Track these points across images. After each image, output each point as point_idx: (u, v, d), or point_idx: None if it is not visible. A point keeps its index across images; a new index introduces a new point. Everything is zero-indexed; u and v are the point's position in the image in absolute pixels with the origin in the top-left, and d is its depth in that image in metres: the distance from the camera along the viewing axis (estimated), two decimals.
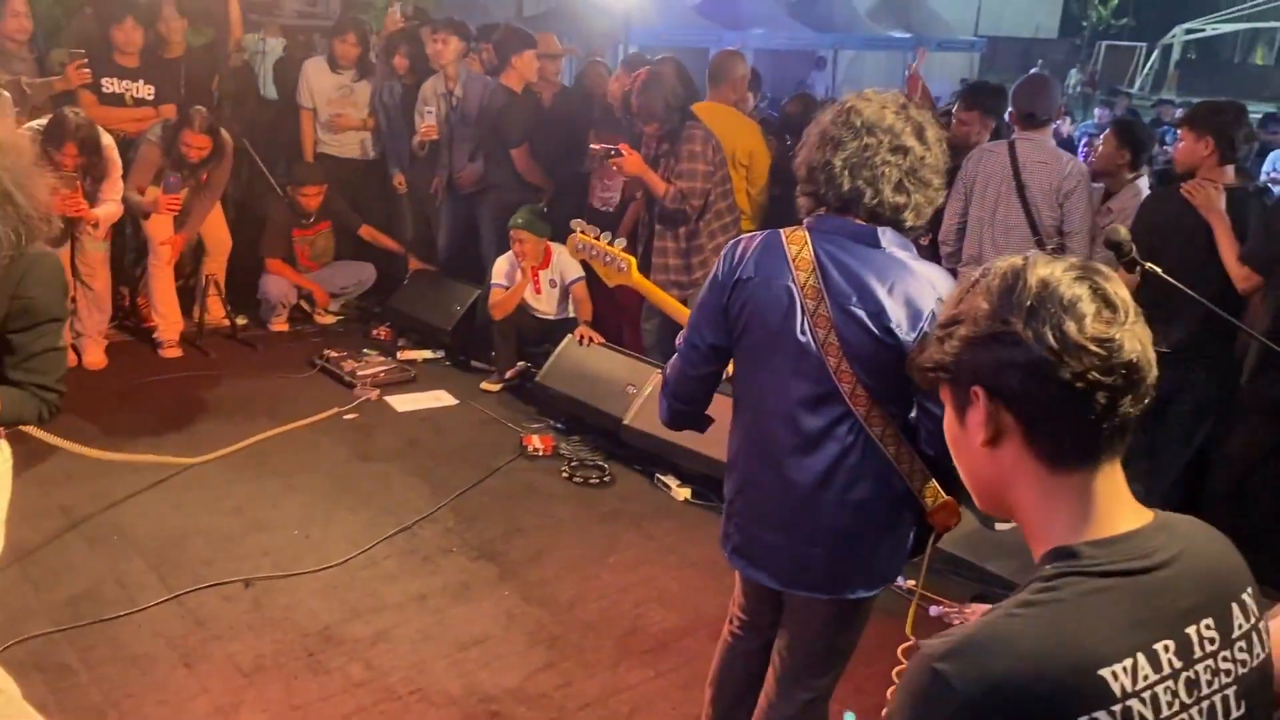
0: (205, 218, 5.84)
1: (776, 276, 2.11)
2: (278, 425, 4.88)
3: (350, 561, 3.85)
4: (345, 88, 6.58)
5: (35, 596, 3.49)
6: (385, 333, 6.27)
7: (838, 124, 2.10)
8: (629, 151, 4.56)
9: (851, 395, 2.08)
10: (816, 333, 2.07)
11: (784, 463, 2.17)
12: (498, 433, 5.12)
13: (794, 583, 2.26)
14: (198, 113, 5.48)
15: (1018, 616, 1.05)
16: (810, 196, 2.15)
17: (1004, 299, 1.11)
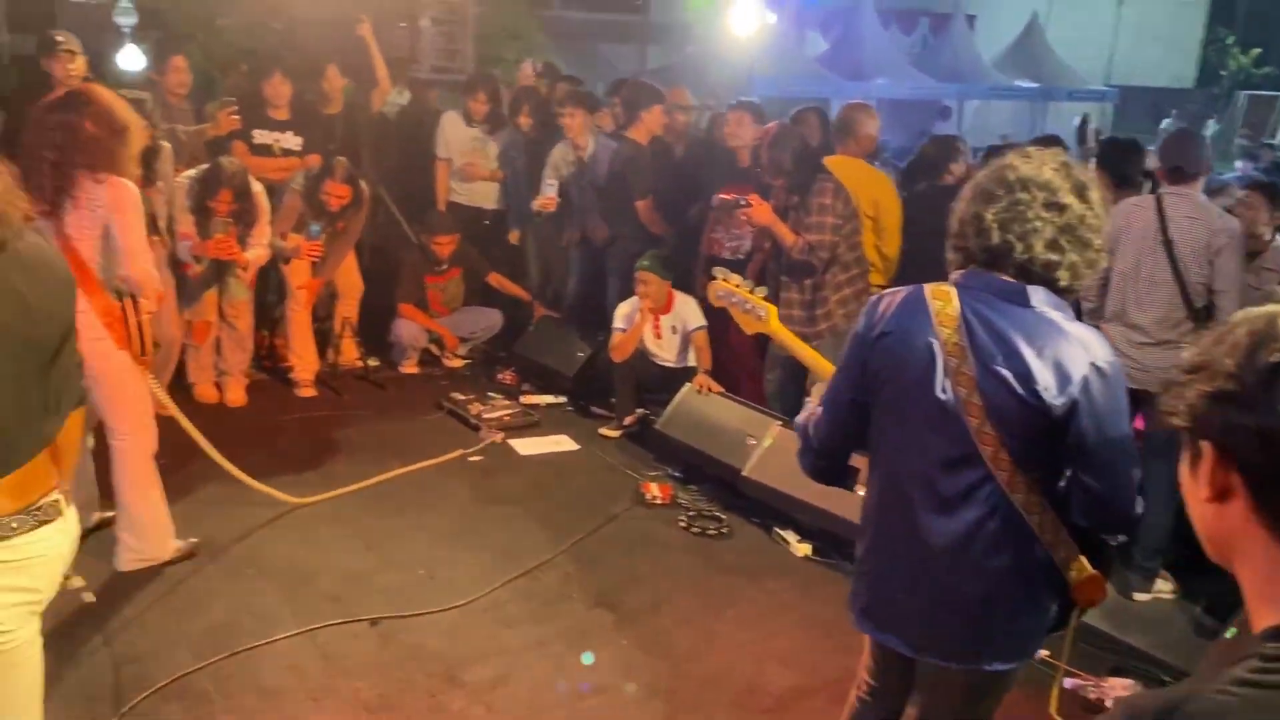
0: (340, 263, 6.08)
1: (918, 332, 2.07)
2: (405, 465, 5.01)
3: (473, 603, 3.90)
4: (478, 139, 6.82)
5: (177, 625, 3.63)
6: (510, 377, 6.39)
7: (993, 179, 2.08)
8: (758, 202, 4.58)
9: (993, 458, 2.02)
10: (958, 391, 2.02)
11: (919, 524, 2.12)
12: (617, 479, 5.15)
13: (926, 649, 2.19)
14: (339, 163, 5.74)
15: (1233, 695, 0.97)
16: (959, 251, 2.12)
17: (1247, 357, 1.04)
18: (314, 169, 5.93)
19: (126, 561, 3.91)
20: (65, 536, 2.06)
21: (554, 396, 6.17)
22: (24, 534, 1.94)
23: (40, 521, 1.97)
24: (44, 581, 2.02)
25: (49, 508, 2.00)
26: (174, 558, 4.01)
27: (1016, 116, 19.84)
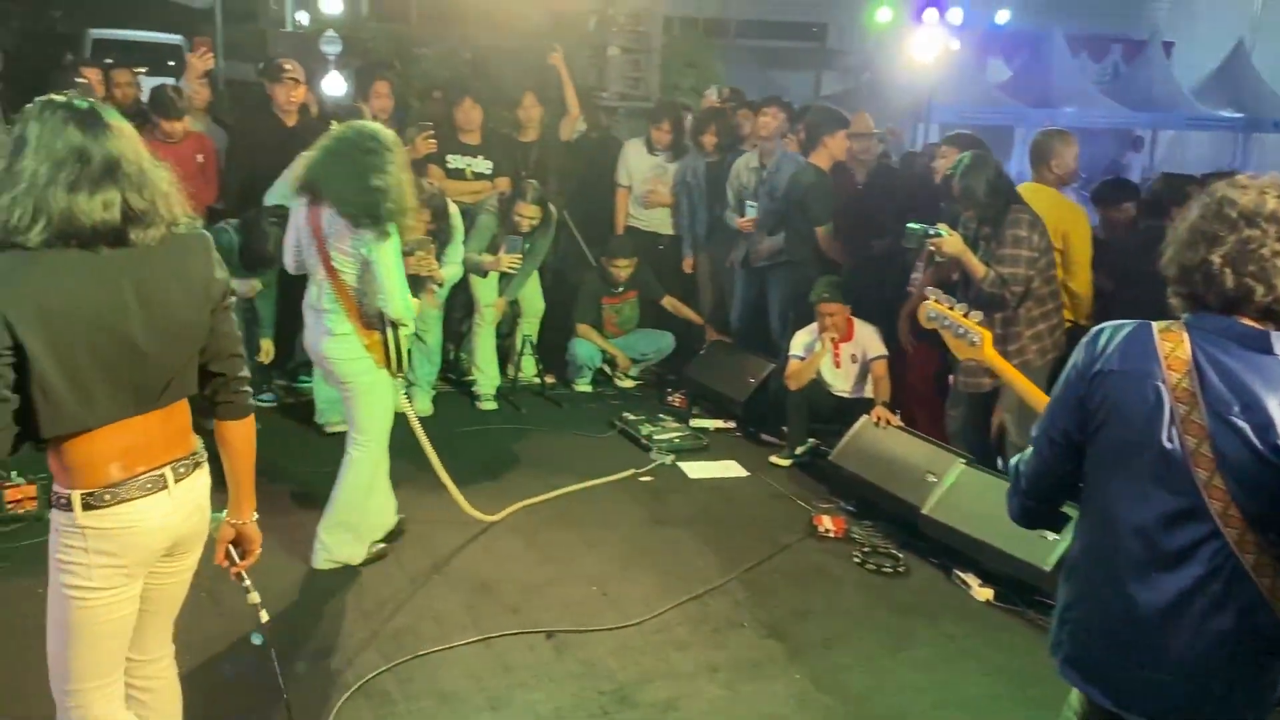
0: (526, 282, 6.25)
1: (1144, 373, 1.95)
2: (579, 481, 5.10)
3: (645, 624, 3.92)
4: (659, 167, 6.92)
5: (365, 625, 3.78)
6: (680, 400, 6.42)
7: (1209, 217, 1.94)
8: (949, 232, 4.46)
9: (1223, 515, 1.88)
10: (1186, 441, 1.89)
11: (1133, 579, 1.99)
12: (787, 509, 5.09)
13: (1133, 707, 2.06)
14: (530, 185, 5.92)
15: None
16: (1186, 298, 1.99)
17: None
18: (506, 192, 6.13)
19: (322, 560, 4.11)
20: (158, 511, 2.22)
21: (723, 421, 6.16)
22: (114, 506, 2.16)
23: (140, 494, 2.18)
24: (131, 552, 2.21)
25: (148, 481, 2.20)
26: (366, 559, 4.20)
27: (1216, 148, 18.71)
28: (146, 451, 2.22)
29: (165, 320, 2.19)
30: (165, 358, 2.21)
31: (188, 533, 2.33)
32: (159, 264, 2.18)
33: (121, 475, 2.18)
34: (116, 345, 2.13)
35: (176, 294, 2.22)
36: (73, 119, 2.09)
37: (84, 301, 2.08)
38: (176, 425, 2.30)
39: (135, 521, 2.19)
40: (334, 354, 3.98)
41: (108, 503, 2.16)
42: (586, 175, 7.30)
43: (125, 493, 2.18)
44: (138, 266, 2.14)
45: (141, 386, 2.19)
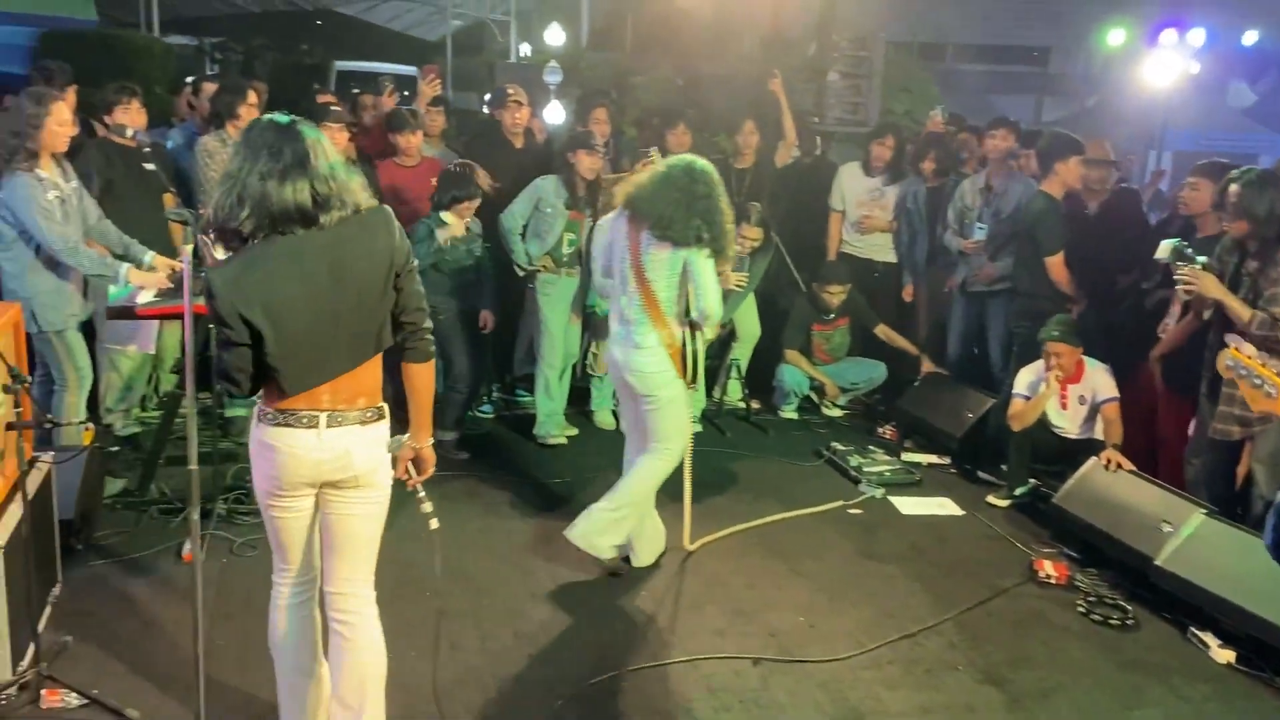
0: (740, 305, 6.27)
1: None
2: (785, 509, 5.05)
3: (854, 659, 3.83)
4: (876, 190, 6.79)
5: (577, 636, 3.87)
6: (891, 432, 6.27)
7: None
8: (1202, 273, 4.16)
9: None
10: None
11: None
12: (1005, 551, 4.87)
13: None
14: (753, 207, 5.96)
15: None
16: None
17: None
18: None
19: (575, 534, 4.25)
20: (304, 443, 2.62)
21: (937, 456, 5.97)
22: (274, 426, 2.62)
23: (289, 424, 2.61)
24: (282, 470, 2.65)
25: (308, 417, 2.62)
26: (607, 564, 4.30)
27: None
28: (314, 396, 2.63)
29: (359, 291, 2.61)
30: (363, 324, 2.64)
31: (341, 474, 2.69)
32: (349, 243, 2.60)
33: (288, 405, 2.62)
34: (323, 319, 2.57)
35: (365, 266, 2.62)
36: (271, 128, 2.57)
37: (293, 288, 2.54)
38: (352, 382, 2.67)
39: (285, 445, 2.62)
40: (640, 366, 4.17)
41: (270, 421, 2.64)
42: (797, 200, 7.27)
43: (285, 419, 2.62)
44: (331, 248, 2.57)
45: (349, 350, 2.64)
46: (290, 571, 2.83)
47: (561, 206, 5.67)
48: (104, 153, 5.22)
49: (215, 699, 3.14)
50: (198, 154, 5.50)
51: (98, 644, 3.59)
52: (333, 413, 2.64)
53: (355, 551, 2.80)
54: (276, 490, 2.69)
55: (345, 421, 2.65)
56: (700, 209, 4.05)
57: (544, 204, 5.68)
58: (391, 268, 2.64)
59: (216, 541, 4.38)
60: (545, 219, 5.67)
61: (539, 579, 4.29)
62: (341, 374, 2.63)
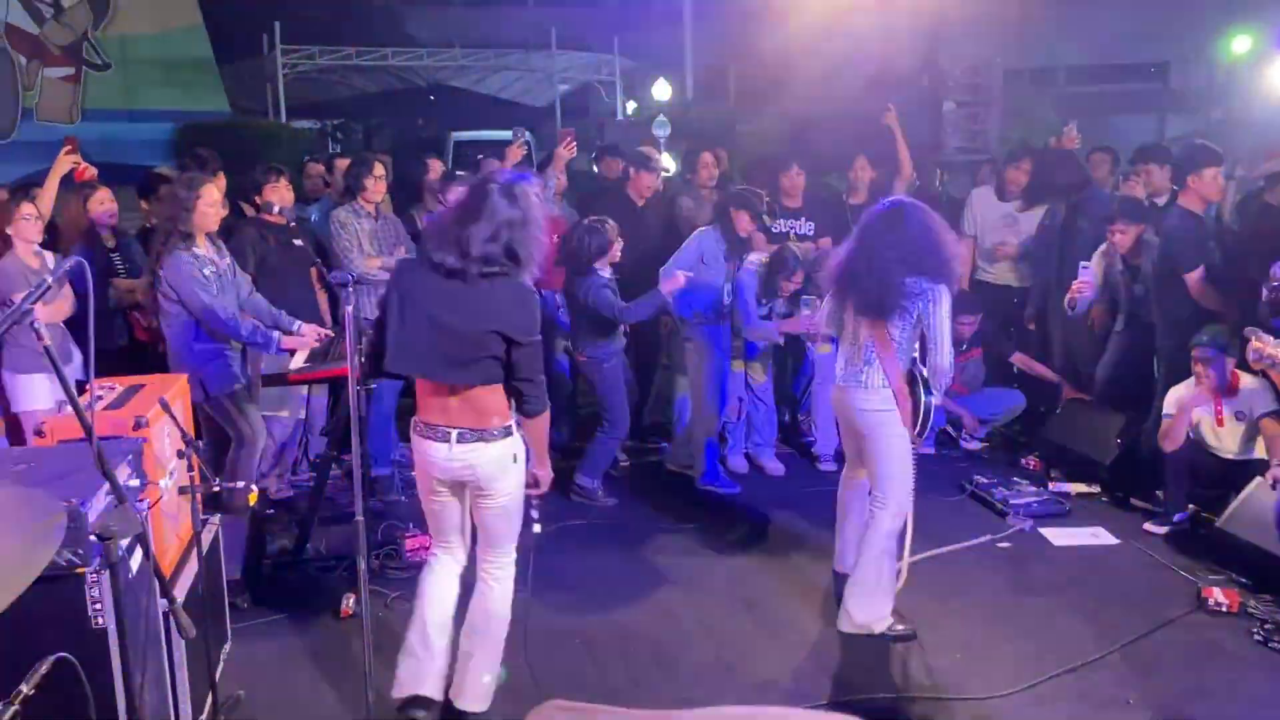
0: None
1: None
2: (931, 546, 4.93)
3: (1014, 695, 3.70)
4: (1009, 216, 6.67)
5: (730, 678, 3.84)
6: (1036, 463, 6.08)
7: None
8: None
9: None
10: None
11: None
12: (1168, 580, 4.65)
13: None
14: None
15: None
16: None
17: None
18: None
19: (844, 624, 4.17)
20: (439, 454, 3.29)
21: (1086, 485, 5.75)
22: (420, 437, 3.33)
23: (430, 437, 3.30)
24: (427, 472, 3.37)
25: (440, 432, 3.27)
26: (896, 633, 4.14)
27: None
28: (448, 414, 3.27)
29: (458, 324, 3.16)
30: (456, 350, 3.18)
31: (470, 479, 3.31)
32: (479, 290, 3.16)
33: (430, 420, 3.31)
34: (429, 326, 3.19)
35: (475, 311, 3.16)
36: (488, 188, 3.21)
37: (422, 294, 3.20)
38: (471, 404, 3.25)
39: (424, 454, 3.33)
40: (863, 405, 4.13)
41: (420, 432, 3.34)
42: None
43: (427, 432, 3.31)
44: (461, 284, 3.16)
45: (443, 362, 3.21)
46: (441, 544, 3.58)
47: (722, 259, 5.75)
48: (257, 230, 5.52)
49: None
50: (331, 226, 5.77)
51: (268, 697, 3.73)
52: (461, 430, 3.26)
53: (491, 533, 3.46)
54: (427, 486, 3.42)
55: (470, 439, 3.26)
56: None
57: (707, 256, 5.75)
58: (498, 330, 3.16)
59: (371, 596, 4.50)
60: (706, 271, 5.73)
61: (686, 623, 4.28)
62: (433, 377, 3.25)
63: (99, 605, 2.46)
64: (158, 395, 3.29)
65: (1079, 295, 5.85)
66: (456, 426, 3.26)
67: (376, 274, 5.75)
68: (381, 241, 5.83)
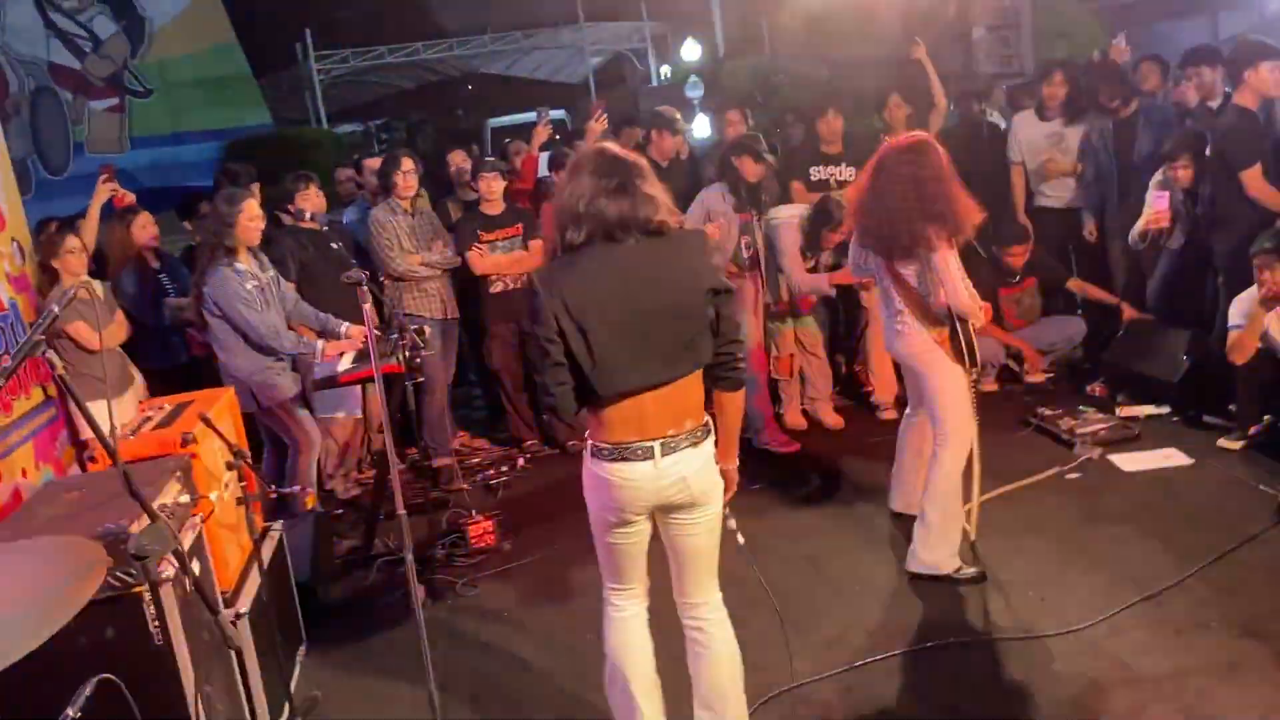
0: None
1: None
2: (999, 485, 4.83)
3: (1093, 628, 3.62)
4: (1055, 134, 6.47)
5: (797, 639, 3.81)
6: (1100, 389, 5.91)
7: None
8: None
9: None
10: None
11: None
12: (1245, 495, 4.50)
13: None
14: None
15: None
16: None
17: None
18: None
19: (912, 564, 4.17)
20: (644, 475, 2.69)
21: (1155, 407, 5.57)
22: (609, 461, 2.71)
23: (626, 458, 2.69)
24: (622, 502, 2.73)
25: (640, 451, 2.68)
26: (963, 576, 4.08)
27: None
28: (647, 425, 2.69)
29: (673, 297, 2.67)
30: (678, 332, 2.67)
31: (681, 497, 2.76)
32: (664, 253, 2.68)
33: (620, 438, 2.70)
34: (636, 319, 2.63)
35: (680, 276, 2.68)
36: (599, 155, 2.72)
37: (607, 286, 2.64)
38: (677, 402, 2.71)
39: (624, 479, 2.70)
40: (903, 349, 4.16)
41: (606, 457, 2.71)
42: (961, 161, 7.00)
43: (620, 454, 2.69)
44: (647, 254, 2.66)
45: (664, 357, 2.67)
46: (625, 589, 2.96)
47: (732, 212, 5.66)
48: (294, 238, 5.60)
49: None
50: (370, 226, 5.82)
51: (346, 696, 3.81)
52: (665, 440, 2.69)
53: (700, 565, 2.90)
54: (616, 521, 2.80)
55: (679, 447, 2.71)
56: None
57: (714, 214, 5.67)
58: (706, 285, 2.70)
59: (441, 586, 4.58)
60: (720, 229, 5.67)
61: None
62: (657, 382, 2.67)
63: (157, 623, 2.52)
64: (202, 411, 3.36)
65: (1155, 229, 5.69)
66: (658, 436, 2.68)
67: (419, 270, 5.81)
68: (420, 237, 5.87)
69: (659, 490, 2.72)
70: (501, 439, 6.50)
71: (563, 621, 4.15)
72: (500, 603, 4.42)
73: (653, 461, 2.68)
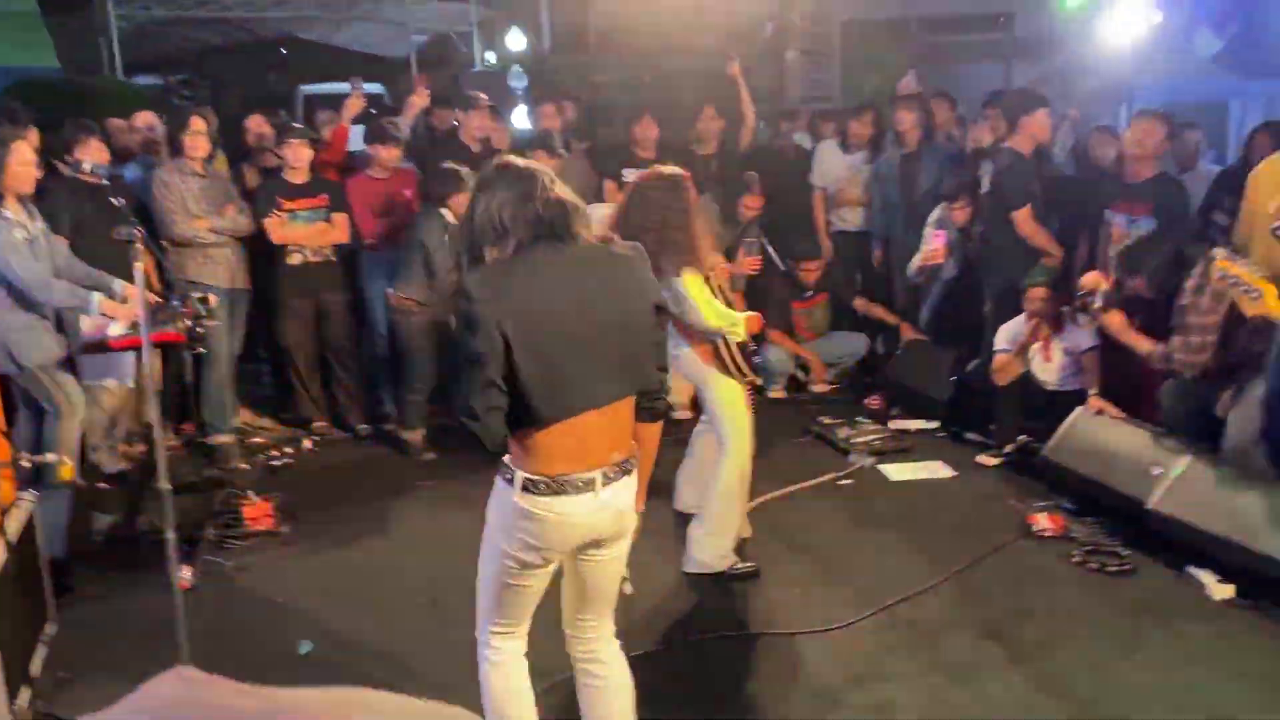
0: None
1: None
2: (778, 488, 5.04)
3: (853, 626, 3.83)
4: (855, 168, 6.85)
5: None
6: (878, 402, 6.27)
7: None
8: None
9: None
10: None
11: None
12: (999, 509, 4.87)
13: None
14: (752, 177, 6.03)
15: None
16: None
17: None
18: None
19: (688, 565, 4.23)
20: (584, 510, 2.44)
21: (925, 421, 5.97)
22: (544, 496, 2.40)
23: (564, 491, 2.40)
24: (553, 541, 2.47)
25: (580, 483, 2.42)
26: (737, 571, 4.21)
27: None
28: (586, 454, 2.43)
29: (625, 310, 2.46)
30: (628, 347, 2.46)
31: (610, 531, 2.54)
32: (611, 261, 2.50)
33: (560, 470, 2.41)
34: (589, 330, 2.39)
35: (632, 286, 2.49)
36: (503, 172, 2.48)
37: (557, 293, 2.38)
38: (617, 427, 2.48)
39: (560, 514, 2.43)
40: (683, 369, 4.22)
41: (542, 491, 2.41)
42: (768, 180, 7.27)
43: (558, 487, 2.41)
44: (594, 261, 2.46)
45: (616, 374, 2.44)
46: (512, 632, 2.69)
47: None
48: (70, 190, 5.20)
49: None
50: (154, 186, 5.49)
51: (97, 678, 3.57)
52: (605, 470, 2.45)
53: (606, 598, 2.71)
54: (535, 561, 2.50)
55: (617, 477, 2.47)
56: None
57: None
58: (653, 299, 2.53)
59: (210, 567, 4.38)
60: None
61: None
62: (601, 404, 2.42)
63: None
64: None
65: (930, 264, 6.09)
66: (599, 465, 2.44)
67: (205, 235, 5.52)
68: (210, 200, 5.58)
69: (592, 526, 2.48)
70: (288, 419, 6.27)
71: (335, 612, 4.04)
72: (271, 589, 4.26)
73: (593, 493, 2.43)
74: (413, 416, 5.74)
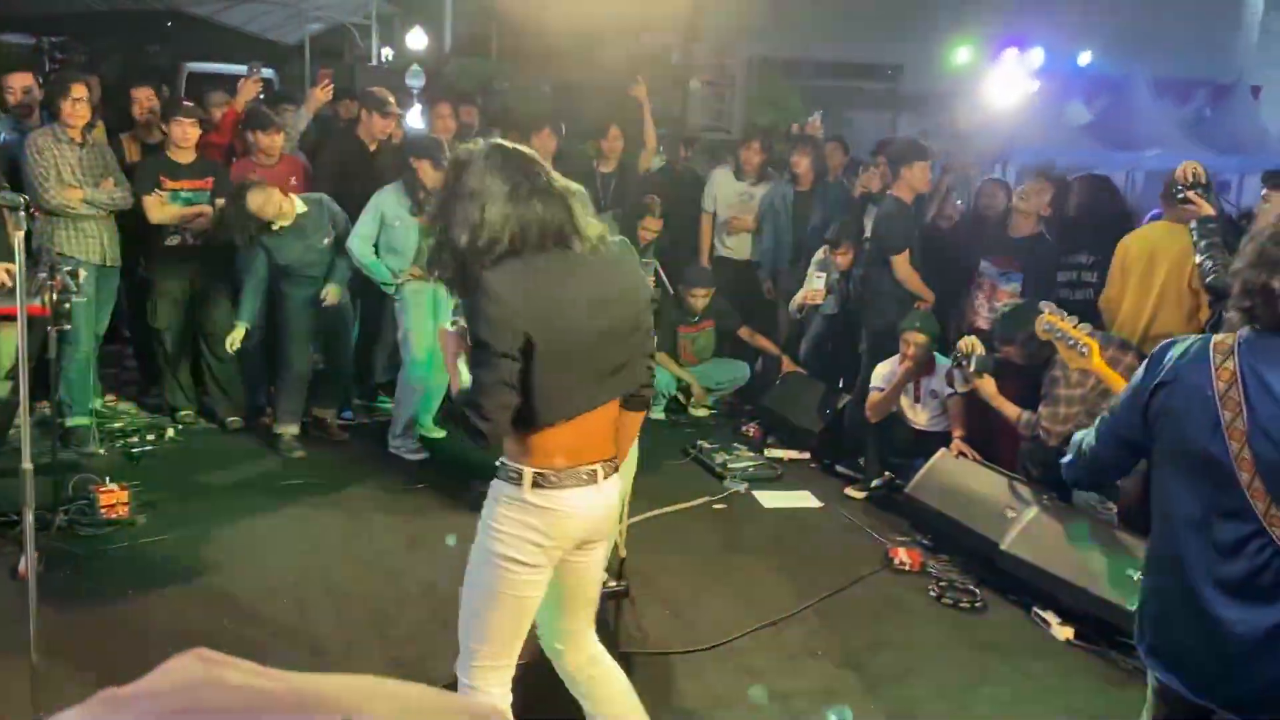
0: None
1: (1197, 382, 2.06)
2: (654, 508, 5.09)
3: (717, 649, 3.90)
4: (746, 194, 6.97)
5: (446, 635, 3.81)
6: (755, 430, 6.40)
7: (1273, 240, 2.01)
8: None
9: (1266, 514, 1.98)
10: (1230, 445, 1.99)
11: (1194, 571, 2.09)
12: (862, 541, 5.04)
13: (1211, 693, 2.11)
14: (654, 200, 6.11)
15: None
16: (1243, 312, 2.06)
17: None
18: None
19: None
20: (589, 502, 2.45)
21: (798, 452, 6.13)
22: (556, 489, 2.40)
23: (572, 484, 2.41)
24: (557, 533, 2.43)
25: (584, 475, 2.43)
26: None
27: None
28: (587, 448, 2.44)
29: (624, 315, 2.45)
30: (625, 352, 2.46)
31: (601, 526, 2.55)
32: (613, 265, 2.46)
33: (563, 464, 2.41)
34: (592, 338, 2.38)
35: (629, 289, 2.50)
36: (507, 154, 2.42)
37: (571, 301, 2.35)
38: (609, 421, 2.50)
39: (571, 506, 2.42)
40: None
41: (553, 485, 2.40)
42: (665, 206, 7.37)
43: (565, 480, 2.41)
44: (598, 266, 2.41)
45: (612, 378, 2.45)
46: (499, 665, 2.55)
47: (408, 215, 5.43)
48: None
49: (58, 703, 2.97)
50: (27, 151, 5.22)
51: None
52: (605, 461, 2.48)
53: (592, 601, 2.70)
54: (541, 562, 2.45)
55: (609, 473, 2.50)
56: None
57: (390, 218, 5.44)
58: (647, 296, 2.54)
59: (58, 554, 4.16)
60: (395, 233, 5.44)
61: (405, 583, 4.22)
62: (604, 402, 2.44)
63: None
64: None
65: (809, 304, 6.27)
66: (600, 459, 2.47)
67: (78, 207, 5.27)
68: (87, 171, 5.33)
69: (592, 518, 2.48)
70: (153, 405, 6.02)
71: (186, 607, 3.93)
72: (123, 579, 4.09)
73: (596, 485, 2.45)
74: (285, 410, 5.59)
